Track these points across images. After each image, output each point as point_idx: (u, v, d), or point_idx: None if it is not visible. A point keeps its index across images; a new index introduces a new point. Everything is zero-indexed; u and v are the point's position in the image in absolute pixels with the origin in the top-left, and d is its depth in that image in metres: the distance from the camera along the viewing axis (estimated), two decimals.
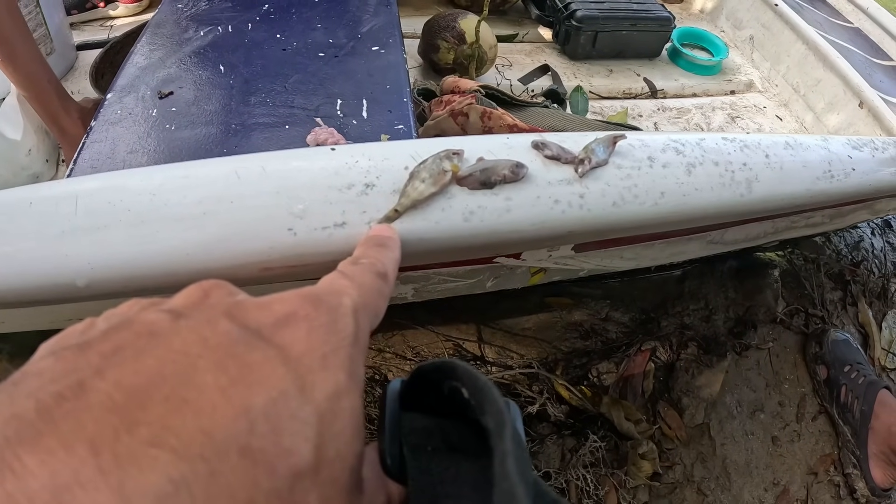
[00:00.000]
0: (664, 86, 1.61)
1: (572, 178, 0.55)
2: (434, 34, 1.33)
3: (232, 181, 0.50)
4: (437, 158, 0.52)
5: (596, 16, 1.52)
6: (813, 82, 1.65)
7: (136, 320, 0.23)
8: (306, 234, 0.49)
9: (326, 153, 0.53)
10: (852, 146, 0.80)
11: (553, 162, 0.55)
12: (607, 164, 0.57)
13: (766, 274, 1.36)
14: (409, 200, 0.49)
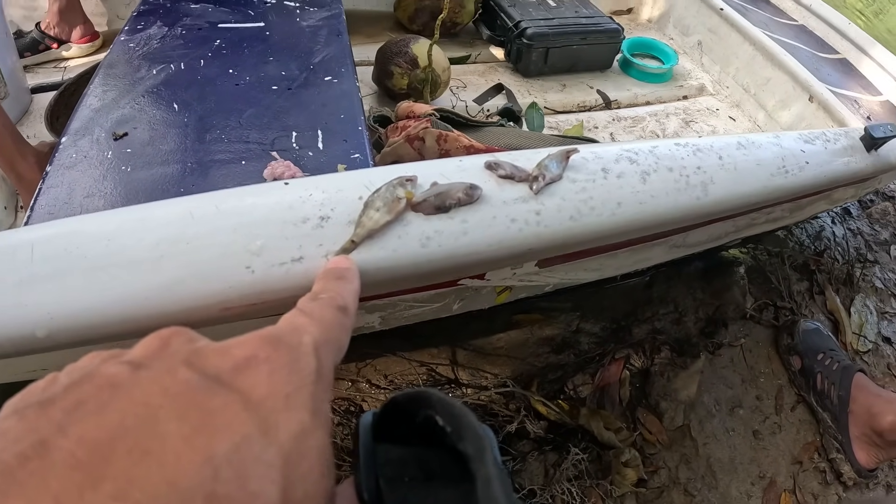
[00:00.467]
0: (617, 96, 1.64)
1: (527, 195, 0.55)
2: (387, 60, 1.35)
3: (187, 222, 0.50)
4: (391, 186, 0.52)
5: (546, 33, 1.54)
6: (762, 81, 1.69)
7: (97, 373, 0.23)
8: (264, 271, 0.49)
9: (280, 188, 0.54)
10: (805, 140, 0.82)
11: (507, 181, 0.56)
12: (562, 178, 0.57)
13: (732, 272, 1.38)
14: (364, 230, 0.49)
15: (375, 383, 1.03)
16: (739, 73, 1.76)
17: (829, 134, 0.89)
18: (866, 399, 1.23)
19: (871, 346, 1.59)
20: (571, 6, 1.67)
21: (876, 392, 1.25)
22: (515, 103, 1.48)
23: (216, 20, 1.08)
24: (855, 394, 1.24)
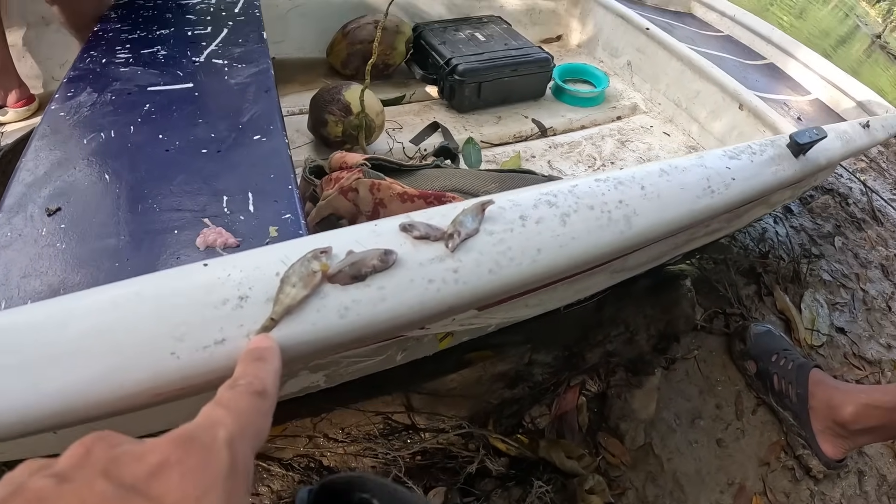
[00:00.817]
0: (553, 123, 1.67)
1: (444, 254, 0.55)
2: (321, 109, 1.35)
3: (111, 311, 0.50)
4: (305, 260, 0.52)
5: (477, 68, 1.57)
6: (693, 95, 1.73)
7: (26, 488, 0.25)
8: (189, 355, 0.49)
9: (199, 269, 0.53)
10: (729, 157, 0.85)
11: (423, 241, 0.56)
12: (478, 232, 0.57)
13: (679, 285, 1.40)
14: (282, 308, 0.50)
15: (333, 437, 1.03)
16: (670, 89, 1.81)
17: (756, 146, 0.91)
18: (825, 393, 1.26)
19: (825, 339, 1.62)
20: (501, 39, 1.71)
21: (833, 385, 1.27)
22: (452, 140, 1.50)
23: (146, 83, 1.06)
24: (813, 389, 1.27)
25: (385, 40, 1.61)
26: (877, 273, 2.17)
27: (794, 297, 1.67)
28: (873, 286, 2.07)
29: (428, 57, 1.65)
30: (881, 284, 2.12)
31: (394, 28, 1.63)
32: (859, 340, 1.74)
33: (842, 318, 1.77)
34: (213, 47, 1.18)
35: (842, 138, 1.19)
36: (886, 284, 2.15)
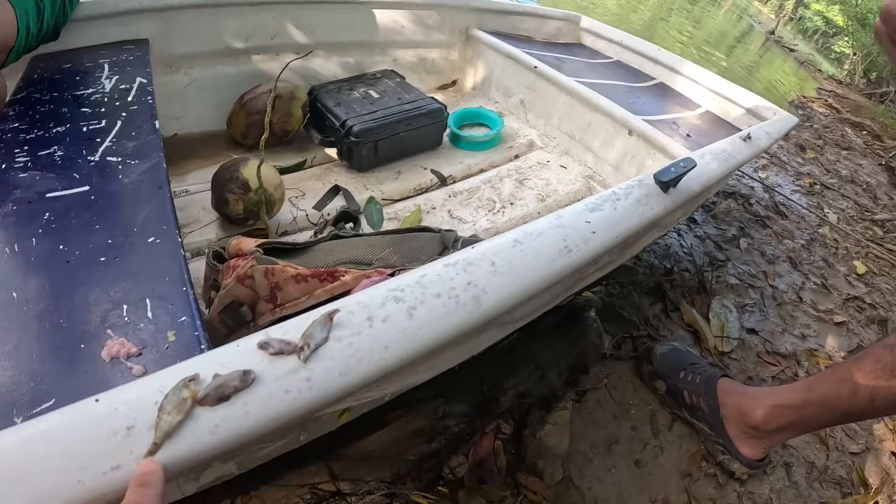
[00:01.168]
0: (452, 171, 1.72)
1: (297, 365, 0.59)
2: (221, 188, 1.35)
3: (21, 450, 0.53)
4: (177, 389, 0.56)
5: (371, 127, 1.60)
6: (584, 126, 1.80)
7: None
8: (92, 482, 0.52)
9: (92, 405, 0.56)
10: (591, 209, 0.89)
11: (279, 357, 0.59)
12: (328, 340, 0.62)
13: (585, 316, 1.45)
14: (162, 433, 0.54)
15: None
16: (563, 123, 1.88)
17: (621, 190, 0.95)
18: (734, 400, 1.32)
19: (735, 343, 1.69)
20: (394, 94, 1.75)
21: (741, 391, 1.33)
22: (353, 202, 1.53)
23: (44, 189, 1.04)
24: (722, 399, 1.33)
25: (281, 107, 1.64)
26: (785, 266, 2.27)
27: (701, 308, 1.74)
28: (783, 280, 2.17)
29: (325, 119, 1.68)
30: (791, 276, 2.22)
31: (289, 95, 1.65)
32: (772, 337, 1.82)
33: (752, 319, 1.85)
34: (107, 143, 1.18)
35: (719, 158, 1.25)
36: (796, 275, 2.25)
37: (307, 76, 1.84)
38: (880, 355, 1.06)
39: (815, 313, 2.09)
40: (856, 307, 2.28)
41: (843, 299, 2.27)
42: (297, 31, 1.76)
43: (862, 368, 1.08)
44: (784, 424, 1.24)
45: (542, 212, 1.61)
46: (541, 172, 1.76)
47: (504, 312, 0.73)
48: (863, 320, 2.22)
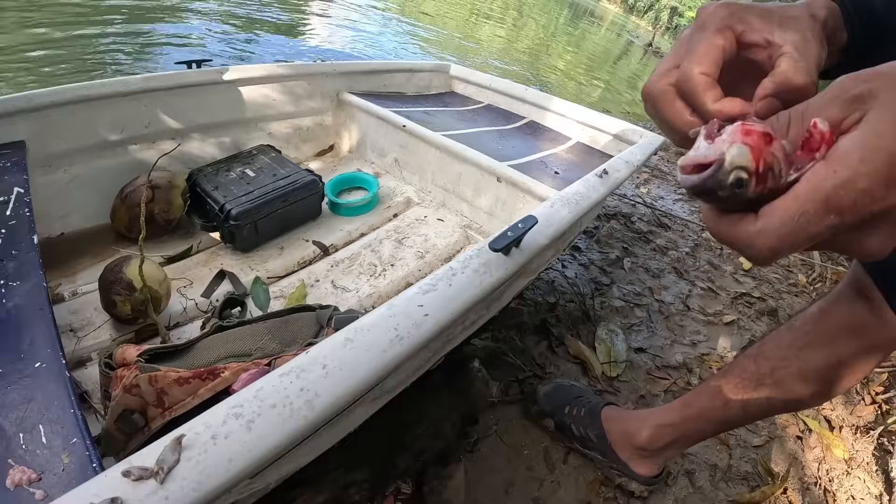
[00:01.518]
0: (333, 240, 1.76)
1: (156, 488, 0.62)
2: (108, 290, 1.35)
3: None
4: None
5: (249, 208, 1.63)
6: (456, 177, 1.87)
7: None
8: None
9: None
10: (424, 291, 0.92)
11: (140, 482, 0.63)
12: (179, 461, 0.65)
13: (470, 367, 1.50)
14: None
15: None
16: (436, 177, 1.95)
17: (457, 264, 0.99)
18: (619, 426, 1.39)
19: (624, 366, 1.77)
20: (270, 170, 1.78)
21: (624, 417, 1.41)
22: (239, 285, 1.55)
23: None
24: (608, 427, 1.40)
25: (161, 197, 1.64)
26: (671, 278, 2.39)
27: (587, 337, 1.82)
28: (669, 292, 2.28)
29: (205, 204, 1.68)
30: (677, 286, 2.34)
31: (167, 184, 1.65)
32: (661, 351, 1.92)
33: (639, 338, 1.94)
34: None
35: (571, 202, 1.32)
36: (683, 284, 2.37)
37: (186, 160, 1.84)
38: (745, 366, 1.13)
39: (703, 318, 2.20)
40: (745, 303, 2.42)
41: (731, 298, 2.41)
42: (171, 116, 1.77)
43: (730, 381, 1.15)
44: (669, 441, 1.31)
45: (423, 269, 1.67)
46: (419, 229, 1.82)
47: (339, 410, 0.76)
48: (752, 315, 2.35)
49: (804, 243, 0.36)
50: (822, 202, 0.34)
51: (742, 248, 0.38)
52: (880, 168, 0.32)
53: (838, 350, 1.01)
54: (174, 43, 4.22)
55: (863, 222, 0.34)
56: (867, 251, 0.36)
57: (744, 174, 0.35)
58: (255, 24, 5.20)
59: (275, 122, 2.07)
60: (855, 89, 0.35)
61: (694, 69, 0.46)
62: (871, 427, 1.90)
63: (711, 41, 0.46)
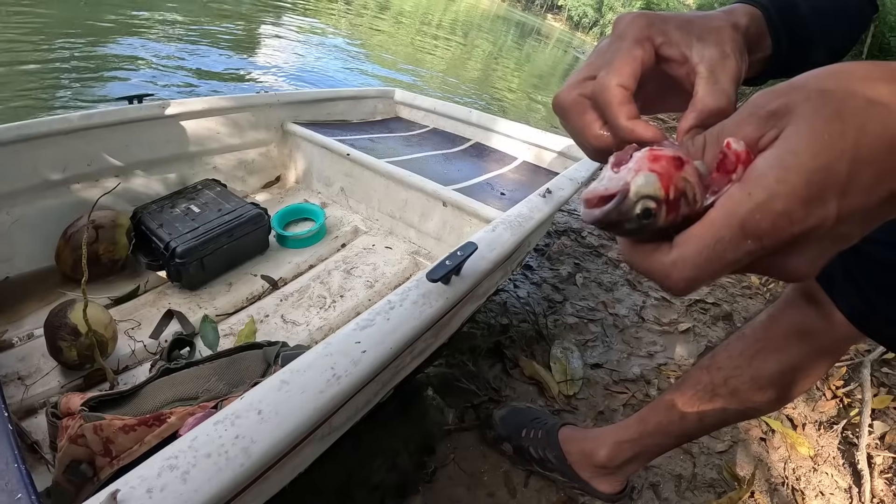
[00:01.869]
0: (282, 273, 1.74)
1: None
2: (53, 336, 1.31)
3: None
4: None
5: (194, 245, 1.60)
6: (402, 204, 1.87)
7: None
8: None
9: None
10: (362, 327, 0.90)
11: None
12: None
13: (424, 396, 1.49)
14: None
15: None
16: (382, 204, 1.95)
17: (395, 297, 0.98)
18: (577, 446, 1.38)
19: (580, 383, 1.77)
20: (215, 205, 1.75)
21: (582, 436, 1.40)
22: (188, 324, 1.52)
23: None
24: (566, 448, 1.39)
25: (105, 237, 1.60)
26: (624, 290, 2.41)
27: (542, 357, 1.82)
28: (623, 305, 2.30)
29: (151, 242, 1.66)
30: (630, 298, 2.36)
31: (111, 223, 1.62)
32: (618, 365, 1.92)
33: (595, 353, 1.94)
34: None
35: (513, 225, 1.33)
36: (636, 296, 2.39)
37: (131, 198, 1.81)
38: (699, 378, 1.12)
39: (659, 328, 2.22)
40: (699, 310, 2.45)
41: (685, 306, 2.43)
42: (113, 153, 1.74)
43: (685, 394, 1.15)
44: (629, 457, 1.31)
45: (373, 298, 1.66)
46: (367, 258, 1.81)
47: (277, 454, 0.74)
48: (708, 321, 2.38)
49: (723, 271, 0.34)
50: (738, 227, 0.32)
51: (659, 279, 0.36)
52: (798, 188, 0.30)
53: (790, 355, 1.01)
54: (115, 77, 4.16)
55: (784, 245, 0.32)
56: (793, 275, 0.35)
57: (652, 203, 0.34)
58: (198, 56, 5.16)
59: (219, 155, 2.05)
60: (770, 105, 0.34)
61: (611, 80, 0.44)
62: (834, 421, 1.94)
63: (629, 52, 0.45)
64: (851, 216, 0.32)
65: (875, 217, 0.33)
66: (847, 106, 0.31)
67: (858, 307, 0.91)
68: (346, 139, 2.10)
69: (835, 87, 0.32)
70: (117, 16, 5.73)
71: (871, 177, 0.31)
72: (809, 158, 0.30)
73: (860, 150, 0.30)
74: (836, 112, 0.31)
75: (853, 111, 0.31)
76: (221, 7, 7.98)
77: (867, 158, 0.30)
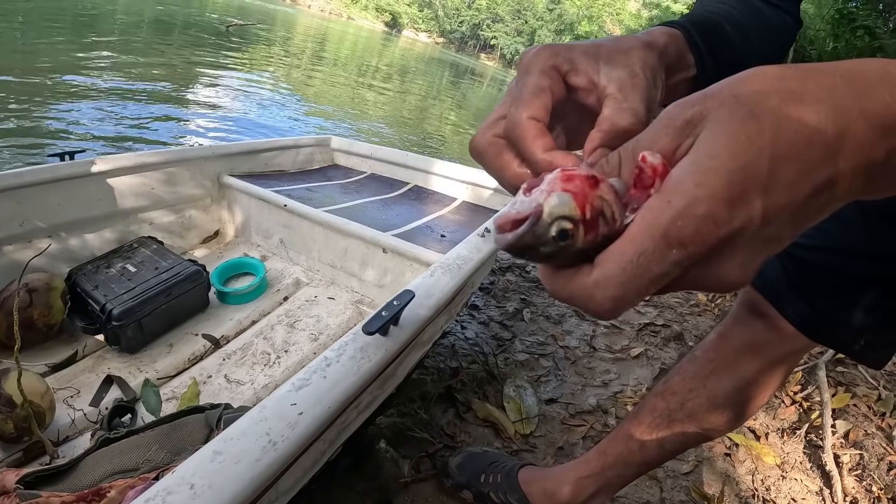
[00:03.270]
0: (224, 331, 1.70)
1: None
2: None
3: None
4: None
5: (131, 306, 1.56)
6: (342, 253, 1.85)
7: None
8: None
9: None
10: (297, 387, 0.86)
11: None
12: None
13: (377, 449, 1.44)
14: None
15: None
16: (323, 254, 1.92)
17: (332, 353, 0.94)
18: (539, 487, 1.35)
19: (536, 421, 1.75)
20: (151, 264, 1.71)
21: (543, 476, 1.38)
22: (128, 389, 1.46)
23: None
24: (527, 489, 1.36)
25: (39, 301, 1.54)
26: (573, 321, 2.42)
27: (495, 397, 1.79)
28: (573, 336, 2.30)
29: (86, 305, 1.61)
30: (580, 329, 2.36)
31: (44, 286, 1.56)
32: (573, 398, 1.91)
33: (549, 388, 1.93)
34: None
35: (452, 268, 1.31)
36: (585, 326, 2.40)
37: (66, 258, 1.75)
38: (654, 405, 1.12)
39: (611, 356, 2.23)
40: (650, 333, 2.47)
41: (636, 331, 2.45)
42: (46, 213, 1.68)
43: (642, 422, 1.13)
44: (593, 492, 1.28)
45: (318, 351, 1.63)
46: (311, 310, 1.78)
47: None
48: (659, 343, 2.39)
49: (651, 286, 0.32)
50: (661, 237, 0.30)
51: (582, 303, 0.34)
52: (718, 189, 0.29)
53: (744, 371, 1.01)
54: (46, 133, 4.07)
55: (712, 251, 0.31)
56: (726, 282, 0.33)
57: (568, 224, 0.32)
58: (132, 109, 5.10)
59: (155, 211, 2.00)
60: (685, 114, 0.32)
61: (521, 114, 0.42)
62: (796, 427, 1.96)
63: (536, 84, 0.44)
64: (778, 215, 0.31)
65: (804, 216, 0.32)
66: (761, 106, 0.30)
67: (806, 315, 0.92)
68: (283, 190, 2.08)
69: (748, 90, 0.31)
70: (50, 68, 5.64)
71: (793, 172, 0.30)
72: (728, 159, 0.29)
73: (779, 147, 0.30)
74: (751, 112, 0.30)
75: (768, 110, 0.30)
76: (157, 58, 7.95)
77: (787, 154, 0.30)
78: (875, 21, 17.69)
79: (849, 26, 17.04)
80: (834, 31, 17.47)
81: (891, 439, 1.95)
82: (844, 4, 17.88)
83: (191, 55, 9.08)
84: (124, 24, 10.79)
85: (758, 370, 1.01)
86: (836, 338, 0.94)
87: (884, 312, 0.89)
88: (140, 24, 11.46)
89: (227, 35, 13.28)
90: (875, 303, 0.89)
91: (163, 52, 8.77)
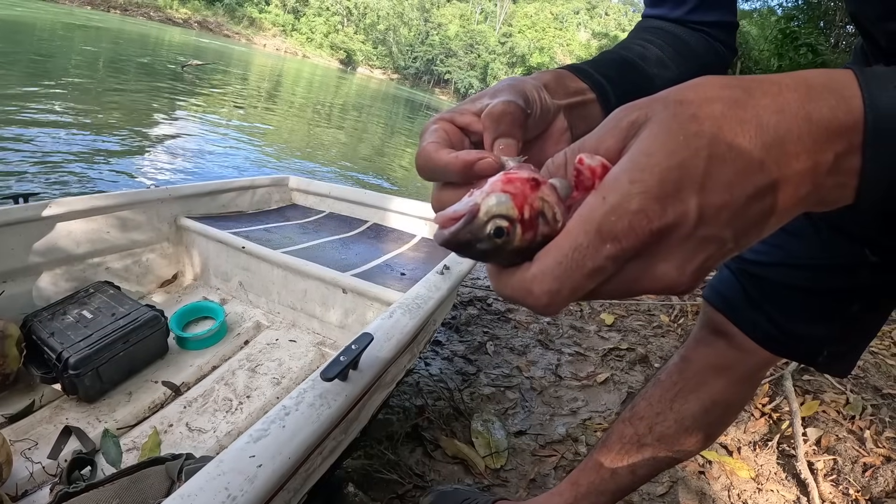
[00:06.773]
0: (184, 377, 1.66)
1: None
2: None
3: None
4: None
5: (88, 354, 1.52)
6: (302, 294, 1.84)
7: None
8: None
9: None
10: (255, 439, 0.84)
11: None
12: None
13: (345, 493, 1.42)
14: None
15: None
16: (282, 296, 1.91)
17: (290, 401, 0.92)
18: None
19: (506, 454, 1.74)
20: (108, 310, 1.68)
21: None
22: (87, 440, 1.42)
23: None
24: None
25: None
26: (538, 351, 2.42)
27: (463, 433, 1.78)
28: (538, 366, 2.30)
29: (43, 353, 1.57)
30: (545, 358, 2.37)
31: None
32: (543, 428, 1.91)
33: (517, 421, 1.92)
34: None
35: (412, 308, 1.31)
36: (550, 355, 2.41)
37: (22, 305, 1.71)
38: (623, 431, 1.12)
39: (578, 383, 2.23)
40: (615, 357, 2.48)
41: (600, 357, 2.46)
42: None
43: (612, 449, 1.13)
44: None
45: (281, 395, 1.60)
46: (272, 353, 1.76)
47: None
48: (625, 367, 2.41)
49: (587, 281, 0.33)
50: (595, 232, 0.31)
51: (522, 298, 0.35)
52: (652, 185, 0.30)
53: (710, 391, 1.02)
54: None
55: (646, 247, 0.32)
56: (663, 282, 0.33)
57: (503, 222, 0.33)
58: (87, 151, 5.02)
59: (111, 255, 1.97)
60: (630, 116, 0.34)
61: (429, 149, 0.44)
62: (768, 438, 1.98)
63: (436, 133, 0.45)
64: (716, 215, 0.31)
65: (746, 220, 0.32)
66: (704, 110, 0.31)
67: (767, 331, 0.94)
68: (241, 231, 2.07)
69: (694, 95, 0.32)
70: (2, 109, 5.54)
71: (731, 173, 0.31)
72: (664, 157, 0.31)
73: (718, 148, 0.31)
74: (694, 115, 0.31)
75: (710, 114, 0.31)
76: (112, 100, 7.86)
77: (726, 155, 0.31)
78: (817, 38, 18.35)
79: (792, 45, 17.68)
80: (778, 51, 18.07)
81: (863, 441, 1.99)
82: (787, 24, 18.51)
83: (147, 96, 9.02)
84: (80, 65, 10.69)
85: (723, 389, 1.02)
86: (799, 351, 0.95)
87: (843, 322, 0.91)
88: (95, 64, 11.35)
89: (183, 75, 13.23)
90: (834, 314, 0.91)
91: (119, 93, 8.70)
